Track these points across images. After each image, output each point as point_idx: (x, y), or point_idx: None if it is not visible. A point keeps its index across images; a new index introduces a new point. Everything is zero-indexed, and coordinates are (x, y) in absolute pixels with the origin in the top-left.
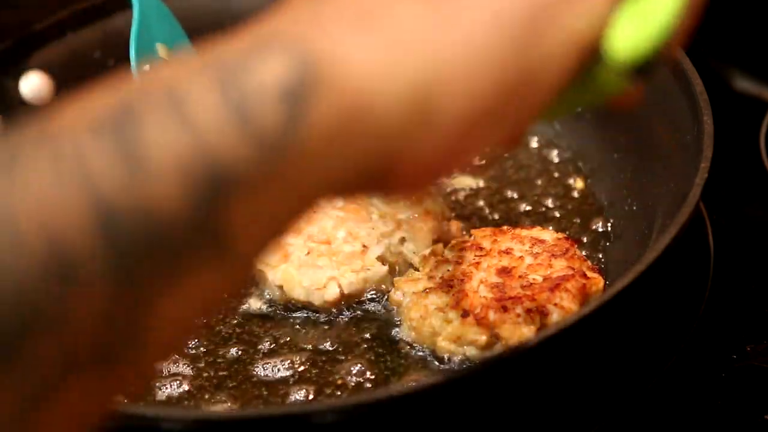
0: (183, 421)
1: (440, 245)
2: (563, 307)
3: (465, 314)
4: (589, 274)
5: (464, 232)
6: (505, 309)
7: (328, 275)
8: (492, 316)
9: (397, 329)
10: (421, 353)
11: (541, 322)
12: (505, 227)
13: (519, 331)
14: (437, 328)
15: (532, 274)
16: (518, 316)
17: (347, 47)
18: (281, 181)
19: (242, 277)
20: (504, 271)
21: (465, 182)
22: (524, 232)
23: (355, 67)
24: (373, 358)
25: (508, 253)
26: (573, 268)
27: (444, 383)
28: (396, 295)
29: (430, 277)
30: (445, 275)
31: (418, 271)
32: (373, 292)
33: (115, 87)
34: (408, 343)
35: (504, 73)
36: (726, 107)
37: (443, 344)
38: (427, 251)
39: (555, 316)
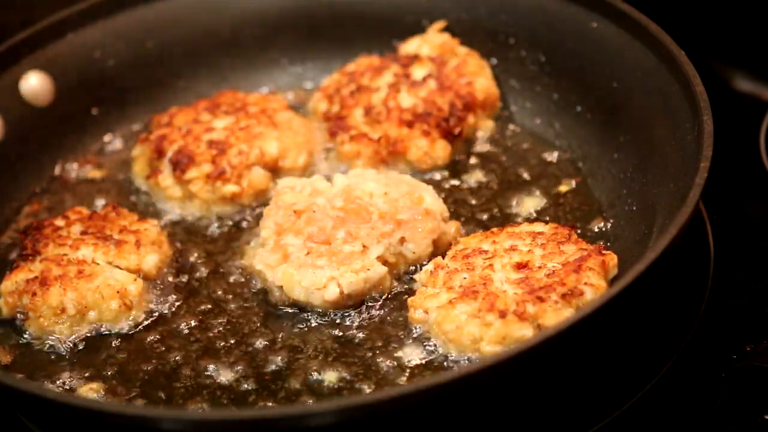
0: (182, 422)
1: (439, 258)
2: (593, 285)
3: (503, 314)
4: (603, 251)
5: (464, 232)
6: (541, 299)
7: (328, 275)
8: (531, 309)
9: (401, 331)
10: (422, 353)
11: (577, 303)
12: (494, 228)
13: (561, 317)
14: (478, 334)
15: (550, 263)
16: (556, 302)
17: None
18: None
19: None
20: (521, 266)
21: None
22: (517, 229)
23: None
24: (373, 358)
25: (514, 249)
26: (585, 249)
27: (443, 383)
28: (417, 314)
29: (449, 289)
30: (464, 284)
31: (426, 287)
32: (373, 292)
33: None
34: (408, 343)
35: None
36: (726, 107)
37: (488, 348)
38: (429, 267)
39: (588, 295)
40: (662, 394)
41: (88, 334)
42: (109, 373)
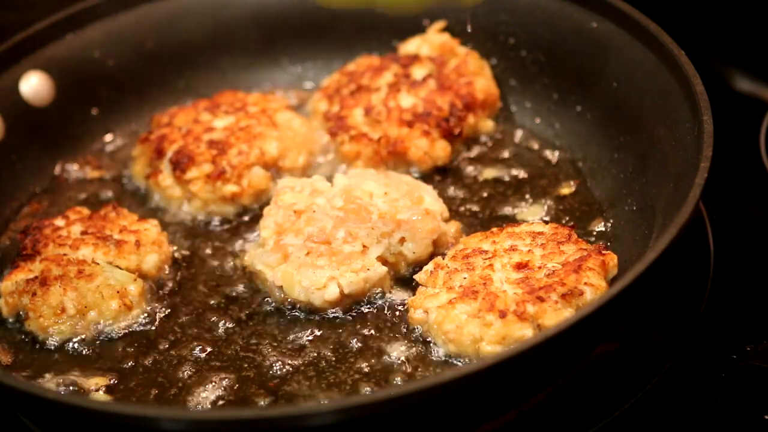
0: (182, 422)
1: (439, 258)
2: (593, 285)
3: (503, 314)
4: (603, 251)
5: (464, 232)
6: (541, 299)
7: (328, 275)
8: (531, 309)
9: (396, 331)
10: (422, 353)
11: (577, 303)
12: (494, 228)
13: (561, 317)
14: (478, 334)
15: (550, 263)
16: (556, 302)
17: None
18: None
19: None
20: (521, 266)
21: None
22: (517, 229)
23: None
24: (373, 357)
25: (514, 250)
26: (585, 249)
27: (443, 383)
28: (417, 314)
29: (449, 289)
30: (464, 284)
31: (426, 287)
32: (373, 292)
33: None
34: (407, 343)
35: None
36: (726, 107)
37: (488, 348)
38: (429, 267)
39: (588, 295)
40: (662, 394)
41: (88, 334)
42: (109, 372)
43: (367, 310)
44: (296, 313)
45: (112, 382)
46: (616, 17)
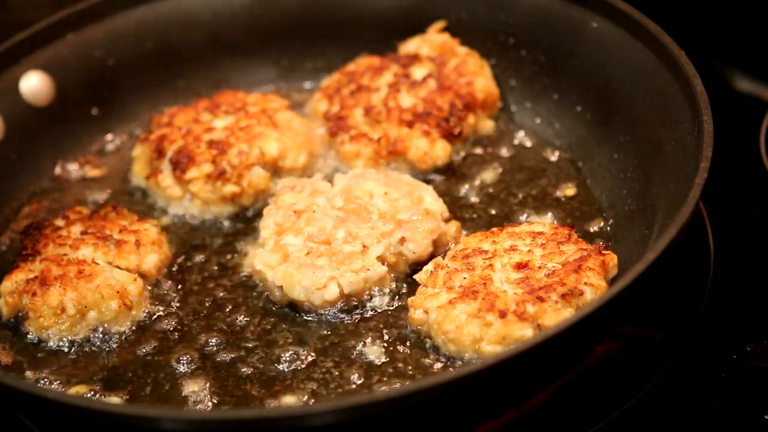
0: (182, 422)
1: (439, 258)
2: (593, 285)
3: (503, 314)
4: (603, 251)
5: (464, 232)
6: (541, 299)
7: (328, 275)
8: (531, 309)
9: (405, 330)
10: (422, 353)
11: (577, 303)
12: (494, 228)
13: (561, 317)
14: (478, 334)
15: (550, 263)
16: (556, 302)
17: None
18: None
19: None
20: (521, 266)
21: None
22: (517, 229)
23: None
24: (373, 357)
25: (514, 250)
26: (585, 249)
27: (443, 383)
28: (417, 314)
29: (449, 289)
30: (464, 284)
31: (426, 287)
32: (374, 291)
33: None
34: (408, 343)
35: None
36: (726, 107)
37: (489, 348)
38: (429, 267)
39: (588, 295)
40: (662, 394)
41: (88, 334)
42: (110, 372)
43: (367, 309)
44: (296, 313)
45: (111, 381)
46: (616, 17)
